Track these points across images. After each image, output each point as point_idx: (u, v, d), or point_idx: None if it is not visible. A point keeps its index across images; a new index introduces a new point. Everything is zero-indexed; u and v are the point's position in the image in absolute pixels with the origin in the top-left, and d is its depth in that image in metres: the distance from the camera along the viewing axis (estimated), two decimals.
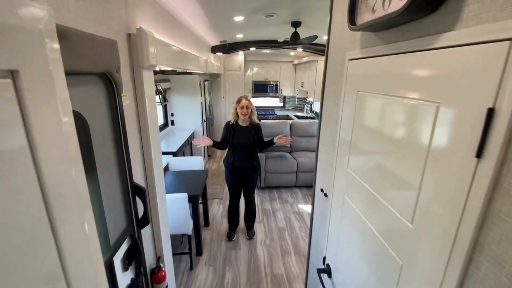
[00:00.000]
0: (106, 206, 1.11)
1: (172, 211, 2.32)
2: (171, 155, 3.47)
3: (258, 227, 3.26)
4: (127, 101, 1.29)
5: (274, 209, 3.69)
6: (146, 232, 1.54)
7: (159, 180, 1.62)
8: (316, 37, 2.72)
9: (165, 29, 2.18)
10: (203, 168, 3.28)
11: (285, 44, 3.15)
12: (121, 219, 1.26)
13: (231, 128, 2.68)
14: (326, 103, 1.53)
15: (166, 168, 3.26)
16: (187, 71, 3.36)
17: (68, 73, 0.51)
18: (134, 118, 1.38)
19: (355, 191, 1.03)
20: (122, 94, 1.23)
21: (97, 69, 1.01)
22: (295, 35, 3.03)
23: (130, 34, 1.32)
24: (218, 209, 3.68)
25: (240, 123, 2.70)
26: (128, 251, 1.33)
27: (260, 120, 2.83)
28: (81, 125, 0.95)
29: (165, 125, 4.84)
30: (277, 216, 3.53)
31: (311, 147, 4.69)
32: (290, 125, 4.73)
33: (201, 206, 3.29)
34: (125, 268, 1.29)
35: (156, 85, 2.52)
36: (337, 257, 1.21)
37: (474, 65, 0.49)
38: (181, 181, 2.86)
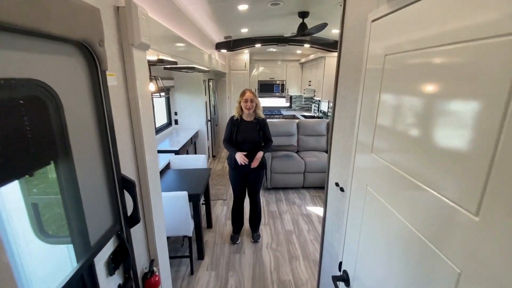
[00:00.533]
0: (86, 198, 0.95)
1: (171, 210, 2.16)
2: (174, 154, 3.33)
3: (263, 230, 3.07)
4: (114, 81, 1.14)
5: (280, 211, 3.50)
6: (137, 232, 1.37)
7: (154, 173, 1.46)
8: (325, 25, 2.55)
9: (165, 14, 2.04)
10: (206, 167, 3.11)
11: (292, 36, 2.99)
12: (105, 215, 1.10)
13: (235, 123, 2.52)
14: (342, 79, 1.35)
15: (167, 167, 3.12)
16: (190, 66, 3.23)
17: (30, 31, 0.34)
18: (123, 102, 1.23)
19: (382, 180, 0.84)
20: (107, 73, 1.08)
21: (73, 35, 0.86)
22: (303, 26, 2.86)
23: (118, 7, 1.17)
24: (221, 211, 3.50)
25: (245, 118, 2.53)
26: (114, 253, 1.16)
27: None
28: (50, 99, 0.80)
29: (169, 124, 4.72)
30: (284, 218, 3.33)
31: (320, 147, 4.49)
32: (297, 124, 4.55)
33: (203, 208, 3.12)
34: (110, 272, 1.13)
35: (154, 77, 2.38)
36: (358, 263, 1.01)
37: None
38: (182, 180, 2.70)
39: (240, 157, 2.43)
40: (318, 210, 3.51)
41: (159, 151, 3.47)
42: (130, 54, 1.22)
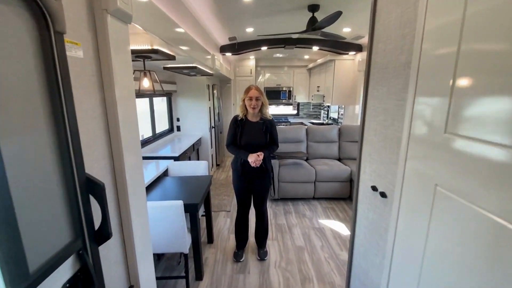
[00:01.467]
0: (21, 204, 0.67)
1: (163, 223, 1.86)
2: (173, 160, 3.06)
3: (271, 246, 2.72)
4: (78, 52, 0.88)
5: (289, 224, 3.15)
6: (111, 251, 1.08)
7: (135, 175, 1.17)
8: (339, 13, 2.30)
9: (163, 4, 1.82)
10: (206, 174, 2.82)
11: (301, 32, 2.75)
12: (58, 229, 0.81)
13: (239, 124, 2.24)
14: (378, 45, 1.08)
15: (165, 174, 2.84)
16: (191, 66, 3.01)
17: None
18: (92, 81, 0.96)
19: (471, 171, 0.53)
20: (69, 39, 0.83)
21: None
22: (313, 20, 2.63)
23: None
24: (224, 224, 3.17)
25: (250, 118, 2.26)
26: (73, 281, 0.87)
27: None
28: None
29: (170, 130, 4.49)
30: (294, 232, 2.98)
31: (331, 154, 4.17)
32: (306, 130, 4.25)
33: (204, 220, 2.80)
34: None
35: (148, 71, 2.14)
36: None
37: None
38: (180, 188, 2.41)
39: (255, 158, 2.13)
40: (331, 224, 3.14)
41: (158, 158, 3.20)
42: (103, 22, 0.97)
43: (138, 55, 1.95)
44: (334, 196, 3.78)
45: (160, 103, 4.61)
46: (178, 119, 4.60)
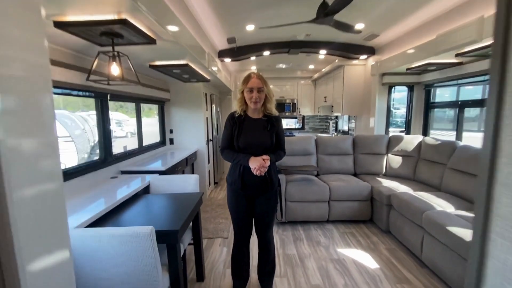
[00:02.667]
0: None
1: (123, 259, 1.29)
2: (157, 174, 2.52)
3: (279, 285, 2.09)
4: None
5: (301, 255, 2.52)
6: None
7: (42, 210, 0.63)
8: None
9: None
10: (197, 191, 2.26)
11: (313, 21, 2.32)
12: None
13: (237, 122, 1.72)
14: None
15: (146, 191, 2.29)
16: (183, 63, 2.57)
17: None
18: None
19: None
20: None
21: None
22: (324, 6, 2.22)
23: None
24: (220, 254, 2.55)
25: (250, 114, 1.76)
26: None
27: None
28: None
29: (162, 143, 3.98)
30: (308, 266, 2.34)
31: (345, 168, 3.60)
32: (316, 141, 3.72)
33: (191, 250, 2.20)
34: None
35: (117, 53, 1.67)
36: None
37: None
38: (158, 208, 1.85)
39: (260, 163, 1.60)
40: (353, 254, 2.51)
41: (140, 172, 2.66)
42: None
43: (103, 32, 1.49)
44: (353, 219, 3.16)
45: (124, 85, 4.17)
46: (171, 131, 4.11)
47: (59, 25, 1.38)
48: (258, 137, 1.69)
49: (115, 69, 1.61)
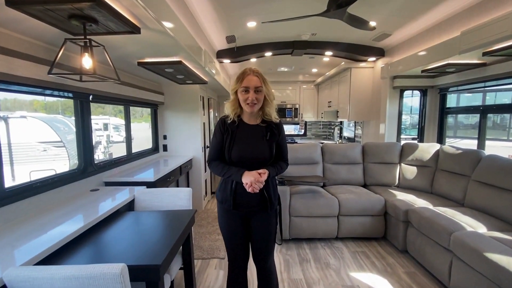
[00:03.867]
0: None
1: None
2: (145, 187, 2.20)
3: None
4: None
5: (309, 281, 2.19)
6: None
7: None
8: None
9: None
10: (189, 207, 1.95)
11: (324, 13, 2.04)
12: None
13: (229, 129, 1.42)
14: None
15: (130, 207, 1.97)
16: (175, 60, 2.28)
17: None
18: None
19: None
20: None
21: None
22: None
23: None
24: (215, 278, 2.22)
25: (246, 120, 1.46)
26: None
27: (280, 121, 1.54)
28: None
29: (155, 150, 3.67)
30: None
31: (354, 179, 3.30)
32: (322, 149, 3.42)
33: (181, 275, 1.87)
34: None
35: (89, 40, 1.36)
36: None
37: None
38: (138, 233, 1.53)
39: (255, 178, 1.30)
40: (369, 279, 2.18)
41: (126, 184, 2.35)
42: None
43: (72, 14, 1.20)
44: (364, 236, 2.84)
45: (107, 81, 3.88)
46: (165, 137, 3.80)
47: (12, 3, 1.09)
48: (255, 147, 1.40)
49: (87, 61, 1.32)
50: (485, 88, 2.93)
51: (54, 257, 1.22)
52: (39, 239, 1.29)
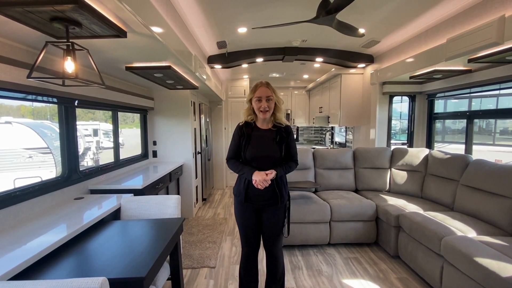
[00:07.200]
0: None
1: None
2: (132, 194, 2.14)
3: None
4: None
5: (300, 287, 2.15)
6: None
7: None
8: None
9: None
10: (178, 215, 1.89)
11: (313, 20, 2.06)
12: None
13: (245, 133, 1.71)
14: None
15: (116, 216, 1.90)
16: (164, 65, 2.25)
17: None
18: None
19: None
20: None
21: None
22: (325, 3, 1.98)
23: None
24: None
25: (259, 125, 1.75)
26: None
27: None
28: None
29: (144, 156, 3.60)
30: None
31: (346, 184, 3.30)
32: (313, 154, 3.43)
33: (169, 287, 1.80)
34: None
35: (71, 43, 1.32)
36: None
37: None
38: (123, 243, 1.47)
39: (262, 178, 1.56)
40: (362, 286, 2.16)
41: (113, 191, 2.27)
42: None
43: (54, 17, 1.16)
44: (357, 241, 2.82)
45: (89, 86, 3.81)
46: (154, 143, 3.73)
47: None
48: (266, 149, 1.67)
49: (69, 65, 1.27)
50: (471, 94, 3.00)
51: (32, 270, 1.16)
52: (16, 251, 1.22)
